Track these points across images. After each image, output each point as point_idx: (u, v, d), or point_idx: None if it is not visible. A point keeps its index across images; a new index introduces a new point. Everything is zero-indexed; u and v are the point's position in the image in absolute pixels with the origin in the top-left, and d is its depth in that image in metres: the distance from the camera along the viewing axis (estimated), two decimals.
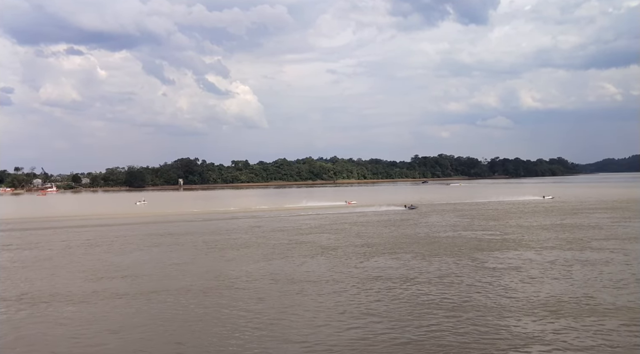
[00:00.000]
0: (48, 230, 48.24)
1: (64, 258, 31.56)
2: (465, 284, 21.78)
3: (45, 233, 46.08)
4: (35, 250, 35.21)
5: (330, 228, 44.53)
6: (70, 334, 16.94)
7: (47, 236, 43.04)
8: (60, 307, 20.05)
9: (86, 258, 31.57)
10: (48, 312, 19.43)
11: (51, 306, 20.14)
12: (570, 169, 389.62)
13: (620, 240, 32.93)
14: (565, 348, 14.34)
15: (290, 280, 23.66)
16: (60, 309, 19.79)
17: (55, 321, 18.32)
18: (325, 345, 15.14)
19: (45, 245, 37.46)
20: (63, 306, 20.12)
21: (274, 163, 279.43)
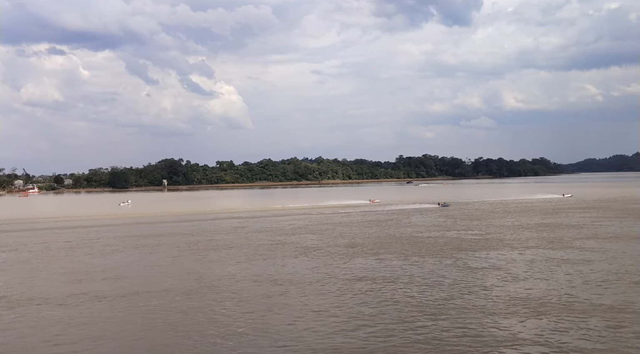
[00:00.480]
0: (28, 232, 47.48)
1: (43, 261, 31.06)
2: (448, 284, 21.85)
3: (25, 235, 45.33)
4: (13, 252, 34.61)
5: (315, 228, 44.47)
6: (48, 338, 16.63)
7: (27, 238, 42.34)
8: (38, 311, 19.69)
9: (66, 260, 31.12)
10: (25, 316, 19.05)
11: (28, 310, 19.77)
12: (552, 169, 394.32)
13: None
14: (548, 347, 14.42)
15: (273, 281, 23.54)
16: (38, 313, 19.44)
17: (32, 326, 17.99)
18: (309, 349, 15.03)
19: (24, 247, 36.83)
20: (41, 310, 19.76)
21: (258, 164, 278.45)
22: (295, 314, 18.18)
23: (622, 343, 14.57)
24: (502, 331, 15.80)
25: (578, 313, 17.33)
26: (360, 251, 31.21)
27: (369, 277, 23.65)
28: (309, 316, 17.85)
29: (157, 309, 19.49)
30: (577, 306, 18.06)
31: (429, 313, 17.70)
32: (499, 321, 16.67)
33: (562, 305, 18.24)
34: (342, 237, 37.69)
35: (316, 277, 24.02)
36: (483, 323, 16.57)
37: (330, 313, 18.14)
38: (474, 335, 15.51)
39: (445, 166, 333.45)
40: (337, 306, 18.90)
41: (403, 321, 17.03)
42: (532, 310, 17.76)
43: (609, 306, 18.02)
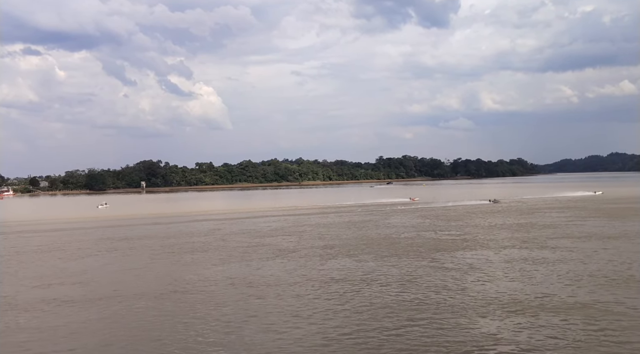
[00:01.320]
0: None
1: (12, 266, 30.28)
2: (424, 284, 21.83)
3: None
4: None
5: (292, 230, 44.27)
6: (16, 345, 16.15)
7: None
8: (5, 317, 19.13)
9: (36, 264, 30.42)
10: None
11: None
12: (529, 169, 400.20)
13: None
14: (523, 346, 14.45)
15: (249, 283, 23.28)
16: (5, 319, 18.88)
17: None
18: (286, 351, 14.85)
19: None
20: (8, 316, 19.20)
21: (238, 165, 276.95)
22: (271, 318, 17.93)
23: (596, 340, 14.68)
24: (478, 330, 15.81)
25: (553, 311, 17.46)
26: (337, 252, 31.11)
27: (345, 279, 23.53)
28: (285, 320, 17.63)
29: (129, 314, 19.10)
30: (552, 305, 18.19)
31: (406, 314, 17.64)
32: (475, 321, 16.69)
33: (537, 304, 18.35)
34: (320, 239, 37.56)
35: (293, 279, 23.83)
36: (459, 323, 16.58)
37: (307, 316, 17.95)
38: (451, 335, 15.50)
39: (425, 167, 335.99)
40: (313, 309, 18.73)
41: (380, 323, 16.91)
42: (507, 309, 17.83)
43: (583, 304, 18.18)
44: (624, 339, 14.67)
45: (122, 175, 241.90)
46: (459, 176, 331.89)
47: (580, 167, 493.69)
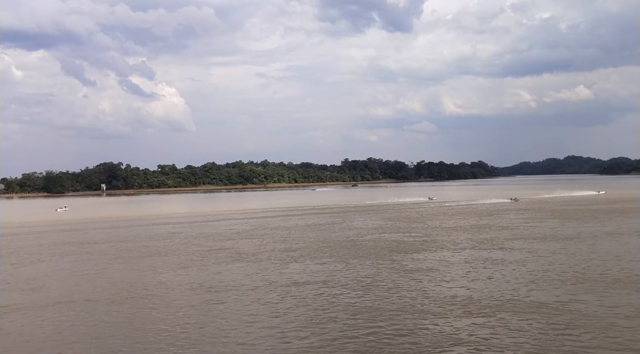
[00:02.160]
0: None
1: None
2: (386, 286, 21.88)
3: None
4: None
5: (254, 233, 43.88)
6: None
7: None
8: None
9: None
10: None
11: None
12: (490, 172, 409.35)
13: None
14: (482, 345, 14.59)
15: (209, 288, 22.86)
16: None
17: None
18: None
19: None
20: None
21: (202, 167, 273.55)
22: (232, 323, 17.59)
23: (554, 338, 14.94)
24: (438, 331, 15.91)
25: (511, 310, 17.71)
26: (299, 255, 30.95)
27: (307, 282, 23.38)
28: (245, 325, 17.30)
29: (82, 320, 18.44)
30: (510, 304, 18.45)
31: (367, 316, 17.60)
32: (435, 322, 16.79)
33: (495, 304, 18.59)
34: (282, 242, 37.32)
35: (254, 283, 23.53)
36: (419, 323, 16.66)
37: (267, 321, 17.68)
38: (411, 336, 15.55)
39: (389, 169, 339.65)
40: (274, 313, 18.48)
41: (340, 326, 16.80)
42: (466, 310, 18.02)
43: (540, 303, 18.51)
44: (582, 336, 15.00)
45: (82, 177, 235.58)
46: (422, 178, 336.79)
47: (538, 169, 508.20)
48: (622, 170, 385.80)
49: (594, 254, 28.12)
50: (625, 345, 14.13)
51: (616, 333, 15.15)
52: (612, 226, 41.13)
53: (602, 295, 19.44)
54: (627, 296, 19.11)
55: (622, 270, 23.66)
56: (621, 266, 24.35)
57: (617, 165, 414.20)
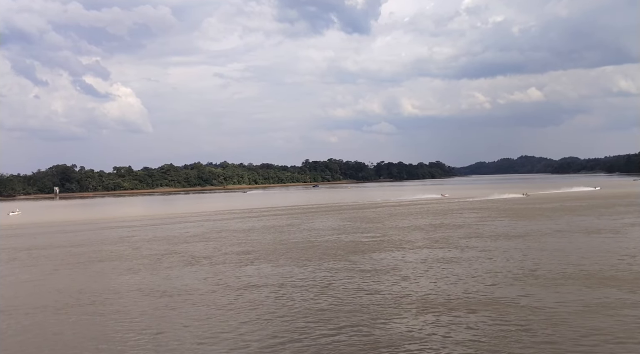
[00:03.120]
0: None
1: None
2: (343, 287, 21.70)
3: None
4: None
5: (210, 236, 43.10)
6: None
7: None
8: None
9: None
10: None
11: None
12: (447, 172, 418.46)
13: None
14: (439, 343, 14.59)
15: (162, 293, 22.09)
16: None
17: None
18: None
19: None
20: None
21: (159, 169, 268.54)
22: (186, 329, 16.97)
23: (507, 334, 15.06)
24: (395, 330, 15.83)
25: (466, 308, 17.86)
26: (255, 258, 30.48)
27: (262, 284, 22.97)
28: (201, 332, 16.71)
29: (25, 329, 17.46)
30: (465, 302, 18.60)
31: (324, 318, 17.35)
32: (392, 321, 16.71)
33: (451, 301, 18.70)
34: (238, 244, 36.72)
35: (208, 287, 22.95)
36: (376, 323, 16.54)
37: (224, 325, 17.16)
38: (369, 336, 15.42)
39: (350, 170, 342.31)
40: (230, 318, 17.98)
41: (296, 328, 16.48)
42: (423, 308, 18.05)
43: (494, 300, 18.72)
44: (536, 332, 15.20)
45: (34, 180, 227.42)
46: (382, 178, 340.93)
47: (493, 169, 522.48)
48: (572, 169, 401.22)
49: (544, 251, 28.80)
50: (577, 341, 14.40)
51: (568, 328, 15.44)
52: (562, 223, 42.37)
53: (553, 291, 19.83)
54: (577, 291, 19.56)
55: (571, 266, 24.27)
56: (570, 263, 24.98)
57: (567, 165, 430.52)
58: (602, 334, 14.75)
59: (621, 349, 13.70)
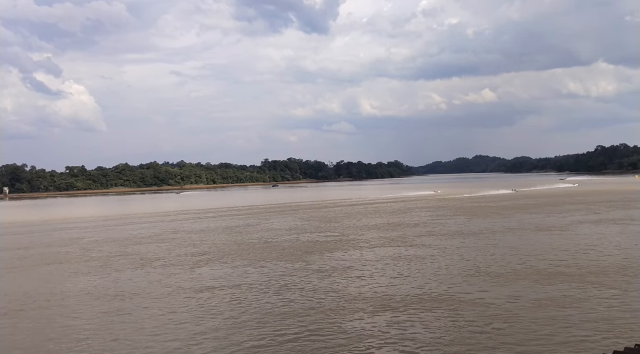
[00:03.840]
0: None
1: None
2: (299, 288, 21.54)
3: None
4: None
5: (163, 237, 42.14)
6: None
7: None
8: None
9: None
10: None
11: None
12: (405, 171, 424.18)
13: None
14: (395, 341, 14.63)
15: (112, 296, 21.37)
16: None
17: None
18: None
19: None
20: None
21: (114, 169, 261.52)
22: (139, 335, 16.38)
23: (463, 331, 15.25)
24: (352, 329, 15.79)
25: (422, 305, 18.00)
26: (210, 259, 29.95)
27: (218, 286, 22.53)
28: (153, 336, 16.22)
29: None
30: (421, 299, 18.74)
31: (281, 319, 17.13)
32: (349, 320, 16.67)
33: (407, 299, 18.81)
34: (192, 245, 36.00)
35: (161, 290, 22.32)
36: (334, 323, 16.45)
37: (177, 328, 16.71)
38: (326, 336, 15.33)
39: (309, 169, 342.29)
40: (184, 321, 17.53)
41: (251, 330, 16.19)
42: (379, 306, 18.09)
43: (450, 297, 18.95)
44: (488, 327, 15.49)
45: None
46: (341, 178, 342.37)
47: (449, 168, 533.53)
48: (524, 168, 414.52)
49: (497, 248, 29.45)
50: (529, 335, 14.71)
51: (521, 322, 15.79)
52: (514, 221, 43.53)
53: (506, 287, 20.25)
54: (529, 287, 20.06)
55: (523, 262, 24.89)
56: (521, 259, 25.62)
57: (519, 164, 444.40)
58: (553, 327, 15.13)
59: (572, 341, 14.06)
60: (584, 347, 13.51)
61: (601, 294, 18.57)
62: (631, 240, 30.92)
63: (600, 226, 37.98)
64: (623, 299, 17.73)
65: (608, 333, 14.53)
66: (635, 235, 33.04)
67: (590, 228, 37.15)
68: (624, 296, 18.12)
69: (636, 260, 24.57)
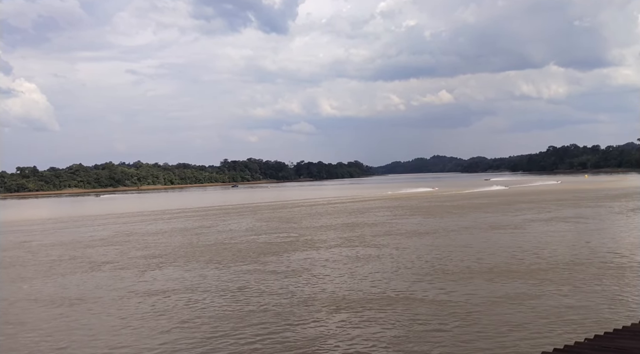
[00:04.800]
0: None
1: None
2: (254, 290, 21.10)
3: None
4: None
5: (114, 240, 40.81)
6: None
7: None
8: None
9: None
10: None
11: None
12: (365, 171, 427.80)
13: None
14: (353, 340, 14.48)
15: (59, 302, 20.41)
16: None
17: None
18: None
19: None
20: None
21: (68, 169, 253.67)
22: (90, 343, 15.62)
23: (419, 329, 15.24)
24: (308, 331, 15.53)
25: (379, 305, 17.92)
26: (163, 262, 29.08)
27: (170, 290, 21.79)
28: (106, 344, 15.46)
29: None
30: (377, 299, 18.67)
31: (235, 322, 16.67)
32: (305, 322, 16.37)
33: (364, 299, 18.70)
34: (145, 248, 34.90)
35: (111, 294, 21.44)
36: (289, 324, 16.14)
37: (129, 337, 15.99)
38: (282, 339, 14.99)
39: (270, 169, 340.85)
40: (136, 327, 16.83)
41: (208, 334, 15.66)
42: (335, 307, 17.92)
43: (406, 296, 18.95)
44: (445, 325, 15.49)
45: None
46: (302, 178, 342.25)
47: (408, 168, 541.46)
48: (479, 168, 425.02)
49: (453, 247, 29.78)
50: (485, 332, 14.82)
51: (477, 319, 15.93)
52: (469, 220, 44.26)
53: (462, 285, 20.42)
54: (484, 285, 20.29)
55: (478, 260, 25.20)
56: (477, 258, 25.94)
57: (475, 164, 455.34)
58: (508, 324, 15.33)
59: (526, 337, 14.23)
60: (538, 343, 13.62)
61: (553, 290, 18.92)
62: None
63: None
64: (574, 296, 18.12)
65: (559, 328, 14.76)
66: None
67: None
68: (575, 292, 18.53)
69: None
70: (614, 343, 8.20)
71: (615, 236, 31.94)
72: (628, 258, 24.47)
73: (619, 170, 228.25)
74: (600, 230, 34.80)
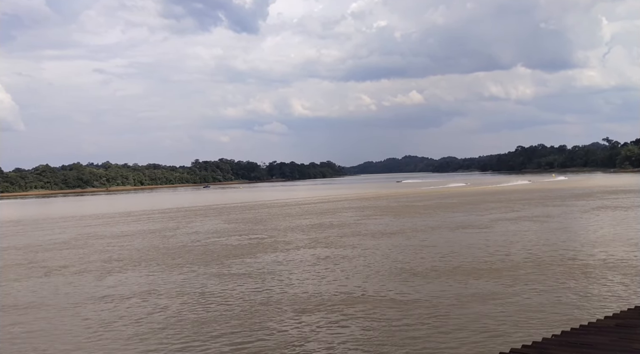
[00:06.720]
0: None
1: None
2: (218, 294, 20.44)
3: None
4: None
5: (71, 243, 39.45)
6: None
7: None
8: None
9: None
10: None
11: None
12: (337, 171, 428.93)
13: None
14: (326, 342, 14.14)
15: (10, 309, 19.43)
16: None
17: None
18: None
19: None
20: None
21: (34, 170, 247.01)
22: (38, 351, 14.80)
23: (388, 329, 15.01)
24: (276, 333, 15.12)
25: (347, 306, 17.62)
26: (122, 265, 28.07)
27: (129, 295, 20.97)
28: (52, 346, 14.71)
29: None
30: (346, 300, 18.40)
31: (198, 328, 16.03)
32: (270, 326, 15.86)
33: (332, 301, 18.35)
34: (105, 251, 33.68)
35: (68, 300, 20.52)
36: (254, 330, 15.55)
37: (83, 345, 15.19)
38: (247, 341, 14.57)
39: (242, 170, 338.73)
40: (91, 334, 16.06)
41: (168, 342, 14.96)
42: (304, 309, 17.53)
43: (375, 297, 18.69)
44: (413, 325, 15.31)
45: None
46: (274, 178, 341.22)
47: (380, 168, 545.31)
48: (450, 168, 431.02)
49: (421, 247, 29.62)
50: (454, 332, 14.70)
51: (446, 319, 15.78)
52: (437, 220, 44.32)
53: (430, 284, 20.26)
54: (453, 284, 20.17)
55: (446, 260, 25.10)
56: (445, 257, 25.85)
57: (446, 164, 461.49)
58: (477, 322, 15.28)
59: (494, 335, 14.15)
60: (506, 340, 13.39)
61: (520, 288, 18.85)
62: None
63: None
64: (540, 294, 18.11)
65: (527, 325, 14.80)
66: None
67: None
68: (542, 290, 18.49)
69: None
70: (580, 339, 8.36)
71: (580, 235, 32.28)
72: (593, 256, 24.68)
73: (585, 170, 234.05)
74: (565, 229, 35.19)
